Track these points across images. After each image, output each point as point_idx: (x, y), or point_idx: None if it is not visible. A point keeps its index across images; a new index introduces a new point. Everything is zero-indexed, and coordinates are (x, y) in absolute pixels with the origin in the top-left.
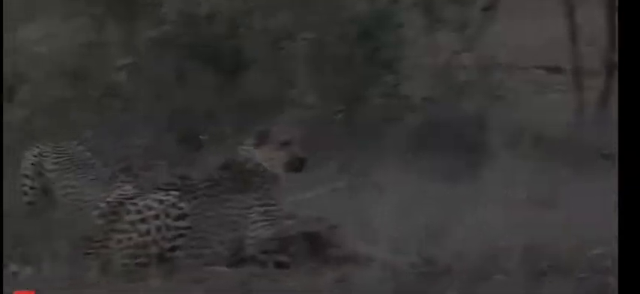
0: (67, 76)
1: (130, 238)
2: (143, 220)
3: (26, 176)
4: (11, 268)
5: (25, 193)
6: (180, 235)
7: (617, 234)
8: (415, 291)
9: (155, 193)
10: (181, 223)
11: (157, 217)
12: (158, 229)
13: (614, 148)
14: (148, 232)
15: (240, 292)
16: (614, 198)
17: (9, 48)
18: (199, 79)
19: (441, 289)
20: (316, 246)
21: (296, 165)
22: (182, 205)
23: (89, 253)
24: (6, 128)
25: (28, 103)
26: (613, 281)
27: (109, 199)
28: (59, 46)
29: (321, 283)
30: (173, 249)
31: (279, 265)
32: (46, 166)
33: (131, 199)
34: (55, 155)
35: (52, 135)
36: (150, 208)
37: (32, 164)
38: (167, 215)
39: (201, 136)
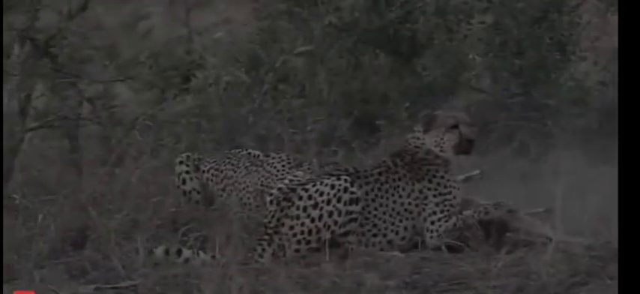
0: (242, 62)
1: (302, 224)
2: (315, 206)
3: (181, 163)
4: (184, 254)
5: (184, 181)
6: (353, 220)
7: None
8: (590, 273)
9: (327, 178)
10: (354, 208)
11: (328, 202)
12: (330, 214)
13: None
14: (320, 218)
15: (413, 277)
16: None
17: (182, 35)
18: (375, 64)
19: (616, 272)
20: (491, 230)
21: (464, 146)
22: (354, 189)
23: (262, 239)
24: (178, 115)
25: (203, 89)
26: None
27: (281, 186)
28: (236, 31)
29: (495, 268)
30: (345, 234)
31: (453, 249)
32: (201, 167)
33: (303, 184)
34: (210, 163)
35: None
36: (322, 194)
37: (188, 156)
38: (339, 200)
39: (377, 122)
